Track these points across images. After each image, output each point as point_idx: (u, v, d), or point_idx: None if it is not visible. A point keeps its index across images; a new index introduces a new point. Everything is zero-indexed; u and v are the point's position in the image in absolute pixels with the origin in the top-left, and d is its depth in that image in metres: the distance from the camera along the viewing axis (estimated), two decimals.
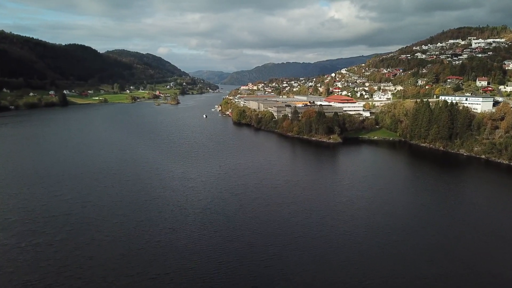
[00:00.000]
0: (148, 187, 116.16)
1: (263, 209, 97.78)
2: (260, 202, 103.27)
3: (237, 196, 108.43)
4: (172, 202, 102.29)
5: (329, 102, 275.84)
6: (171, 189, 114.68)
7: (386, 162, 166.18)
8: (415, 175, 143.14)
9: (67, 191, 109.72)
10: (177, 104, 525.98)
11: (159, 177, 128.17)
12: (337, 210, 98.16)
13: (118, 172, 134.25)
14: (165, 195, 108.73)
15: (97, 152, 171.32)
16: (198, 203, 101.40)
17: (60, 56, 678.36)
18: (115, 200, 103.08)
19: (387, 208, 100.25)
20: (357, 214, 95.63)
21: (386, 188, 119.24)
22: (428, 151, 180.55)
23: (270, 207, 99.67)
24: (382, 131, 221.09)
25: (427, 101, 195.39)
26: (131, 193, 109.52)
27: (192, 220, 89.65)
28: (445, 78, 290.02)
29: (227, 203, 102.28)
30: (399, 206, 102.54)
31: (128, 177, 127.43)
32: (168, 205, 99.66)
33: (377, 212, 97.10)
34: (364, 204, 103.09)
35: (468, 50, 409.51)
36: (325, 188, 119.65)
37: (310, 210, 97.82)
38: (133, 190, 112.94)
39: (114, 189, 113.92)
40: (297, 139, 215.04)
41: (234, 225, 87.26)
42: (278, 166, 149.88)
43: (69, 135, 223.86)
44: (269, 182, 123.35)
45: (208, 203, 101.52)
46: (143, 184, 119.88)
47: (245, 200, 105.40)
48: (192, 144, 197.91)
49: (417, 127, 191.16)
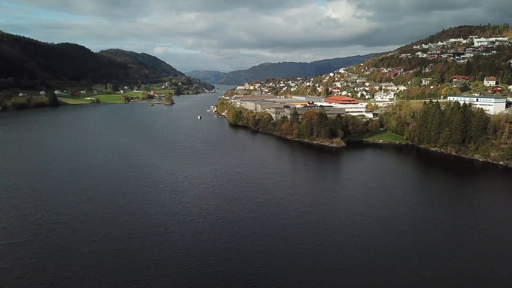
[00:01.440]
0: (130, 204, 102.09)
1: (266, 232, 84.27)
2: (261, 222, 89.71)
3: (234, 215, 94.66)
4: (158, 226, 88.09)
5: (330, 103, 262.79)
6: (158, 205, 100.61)
7: (395, 170, 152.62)
8: (426, 184, 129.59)
9: (36, 210, 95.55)
10: (172, 104, 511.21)
11: (145, 190, 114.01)
12: (351, 241, 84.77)
13: (98, 185, 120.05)
14: (151, 213, 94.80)
15: (79, 159, 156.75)
16: (187, 227, 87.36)
17: (52, 55, 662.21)
18: (88, 220, 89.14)
19: (398, 227, 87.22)
20: (367, 236, 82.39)
21: (397, 203, 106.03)
22: (438, 156, 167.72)
23: (274, 229, 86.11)
24: (388, 133, 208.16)
25: (437, 102, 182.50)
26: (109, 209, 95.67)
27: (178, 254, 75.96)
28: (450, 78, 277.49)
29: (222, 225, 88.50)
30: (413, 225, 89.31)
31: (107, 191, 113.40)
32: (153, 230, 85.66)
33: (387, 232, 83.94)
34: (378, 226, 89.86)
35: (470, 49, 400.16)
36: (332, 204, 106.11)
37: (321, 238, 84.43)
38: (113, 206, 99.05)
39: (91, 205, 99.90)
40: (297, 142, 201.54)
41: (231, 256, 73.66)
42: (279, 174, 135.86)
43: (52, 141, 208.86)
44: (271, 196, 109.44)
45: (199, 227, 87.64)
46: (125, 199, 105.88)
47: (244, 220, 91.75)
48: (185, 148, 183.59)
49: (426, 130, 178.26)
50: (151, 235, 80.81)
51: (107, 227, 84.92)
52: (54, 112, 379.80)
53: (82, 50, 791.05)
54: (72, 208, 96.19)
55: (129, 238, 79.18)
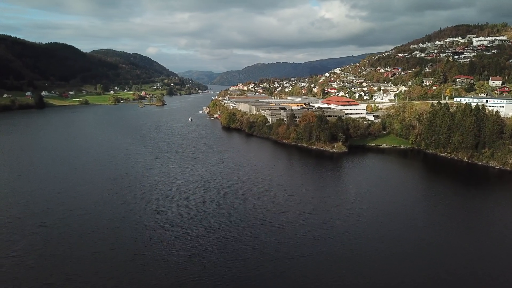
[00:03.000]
0: (101, 230, 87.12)
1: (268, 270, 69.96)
2: (260, 253, 75.40)
3: (229, 243, 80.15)
4: (132, 260, 73.33)
5: (328, 104, 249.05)
6: (134, 230, 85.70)
7: (401, 178, 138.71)
8: (436, 195, 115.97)
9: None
10: (163, 105, 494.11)
11: (119, 210, 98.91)
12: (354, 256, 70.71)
13: (67, 203, 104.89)
14: (125, 240, 79.96)
15: (49, 171, 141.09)
16: (170, 262, 72.69)
17: (40, 55, 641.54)
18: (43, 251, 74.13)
19: (406, 249, 73.43)
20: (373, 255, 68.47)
21: (406, 217, 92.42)
22: (448, 163, 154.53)
23: (278, 257, 71.82)
24: (391, 137, 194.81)
25: (446, 104, 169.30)
26: (74, 238, 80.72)
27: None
28: (453, 78, 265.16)
29: (213, 260, 73.98)
30: (424, 249, 75.52)
31: (71, 210, 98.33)
32: (126, 266, 70.89)
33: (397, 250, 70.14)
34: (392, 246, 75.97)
35: (469, 48, 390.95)
36: (335, 224, 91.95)
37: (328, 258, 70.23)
38: (76, 232, 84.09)
39: (59, 230, 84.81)
40: (295, 147, 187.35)
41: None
42: (279, 188, 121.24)
43: (23, 149, 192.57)
44: (271, 217, 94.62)
45: (184, 262, 73.03)
46: (96, 224, 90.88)
47: (241, 250, 77.32)
48: (172, 156, 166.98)
49: (434, 134, 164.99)
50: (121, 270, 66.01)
51: (69, 263, 69.92)
52: (38, 115, 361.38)
53: (71, 50, 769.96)
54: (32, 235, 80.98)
55: (95, 274, 64.40)
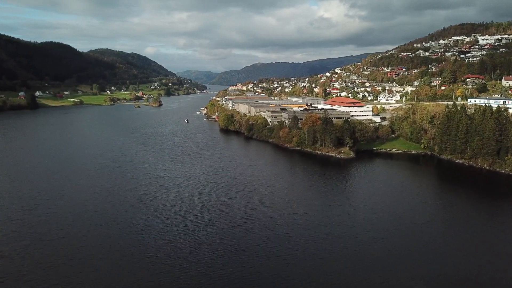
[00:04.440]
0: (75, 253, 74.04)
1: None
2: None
3: (226, 278, 67.10)
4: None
5: (332, 105, 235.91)
6: (114, 262, 72.79)
7: (416, 188, 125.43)
8: (453, 207, 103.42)
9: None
10: (159, 106, 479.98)
11: (98, 231, 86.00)
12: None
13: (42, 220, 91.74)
14: (101, 273, 66.98)
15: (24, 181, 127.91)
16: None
17: (34, 54, 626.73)
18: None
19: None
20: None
21: (421, 234, 79.54)
22: (466, 170, 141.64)
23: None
24: (401, 141, 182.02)
25: (463, 106, 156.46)
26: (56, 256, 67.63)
27: None
28: (462, 77, 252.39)
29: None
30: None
31: (47, 225, 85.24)
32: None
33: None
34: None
35: (476, 47, 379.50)
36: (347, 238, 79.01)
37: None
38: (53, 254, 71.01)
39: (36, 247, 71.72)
40: (298, 152, 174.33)
41: None
42: (283, 205, 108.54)
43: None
44: (276, 244, 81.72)
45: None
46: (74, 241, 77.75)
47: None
48: (163, 162, 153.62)
49: (449, 139, 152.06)
50: None
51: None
52: (30, 115, 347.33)
53: (67, 49, 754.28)
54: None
55: None
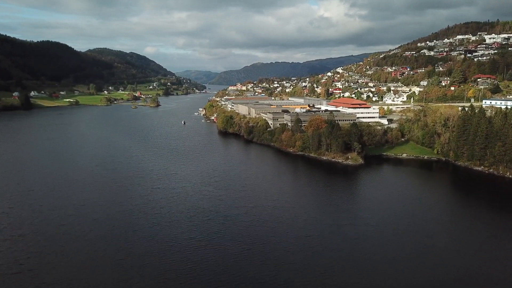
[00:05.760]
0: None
1: None
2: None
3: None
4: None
5: (337, 106, 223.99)
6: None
7: (430, 197, 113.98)
8: (476, 221, 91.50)
9: None
10: (157, 106, 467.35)
11: (77, 260, 74.13)
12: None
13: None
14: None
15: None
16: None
17: (30, 54, 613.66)
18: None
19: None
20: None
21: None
22: (486, 178, 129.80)
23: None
24: (411, 145, 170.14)
25: (481, 108, 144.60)
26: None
27: None
28: (473, 77, 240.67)
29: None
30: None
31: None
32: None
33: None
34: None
35: (482, 46, 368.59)
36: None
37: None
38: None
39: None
40: (302, 157, 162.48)
41: None
42: (288, 219, 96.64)
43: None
44: (278, 271, 70.03)
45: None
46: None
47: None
48: (155, 168, 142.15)
49: (466, 144, 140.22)
50: None
51: None
52: (20, 117, 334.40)
53: (64, 48, 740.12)
54: None
55: None
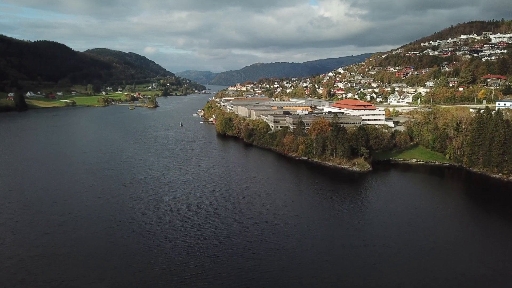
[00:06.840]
0: None
1: None
2: None
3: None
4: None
5: (340, 108, 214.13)
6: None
7: (444, 208, 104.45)
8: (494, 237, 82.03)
9: None
10: (155, 107, 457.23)
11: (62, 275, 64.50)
12: None
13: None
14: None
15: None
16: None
17: (26, 53, 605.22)
18: None
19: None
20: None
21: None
22: (505, 187, 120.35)
23: None
24: (421, 150, 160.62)
25: (499, 111, 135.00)
26: None
27: None
28: (482, 78, 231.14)
29: None
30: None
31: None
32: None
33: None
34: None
35: (488, 45, 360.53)
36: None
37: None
38: None
39: None
40: (305, 163, 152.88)
41: None
42: (292, 237, 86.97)
43: None
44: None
45: None
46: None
47: None
48: (147, 173, 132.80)
49: (482, 149, 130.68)
50: None
51: None
52: (14, 118, 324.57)
53: (61, 48, 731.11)
54: None
55: None
